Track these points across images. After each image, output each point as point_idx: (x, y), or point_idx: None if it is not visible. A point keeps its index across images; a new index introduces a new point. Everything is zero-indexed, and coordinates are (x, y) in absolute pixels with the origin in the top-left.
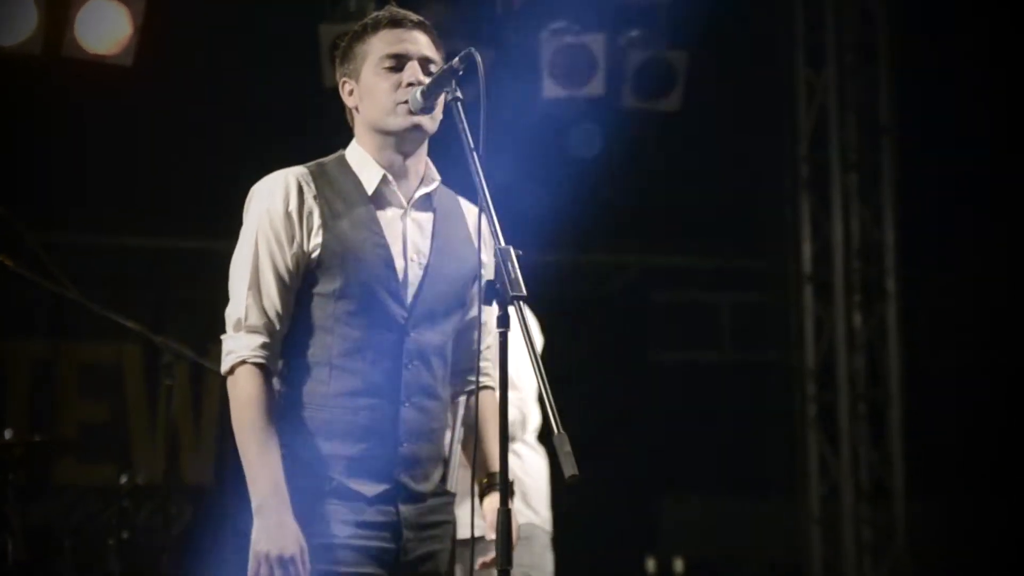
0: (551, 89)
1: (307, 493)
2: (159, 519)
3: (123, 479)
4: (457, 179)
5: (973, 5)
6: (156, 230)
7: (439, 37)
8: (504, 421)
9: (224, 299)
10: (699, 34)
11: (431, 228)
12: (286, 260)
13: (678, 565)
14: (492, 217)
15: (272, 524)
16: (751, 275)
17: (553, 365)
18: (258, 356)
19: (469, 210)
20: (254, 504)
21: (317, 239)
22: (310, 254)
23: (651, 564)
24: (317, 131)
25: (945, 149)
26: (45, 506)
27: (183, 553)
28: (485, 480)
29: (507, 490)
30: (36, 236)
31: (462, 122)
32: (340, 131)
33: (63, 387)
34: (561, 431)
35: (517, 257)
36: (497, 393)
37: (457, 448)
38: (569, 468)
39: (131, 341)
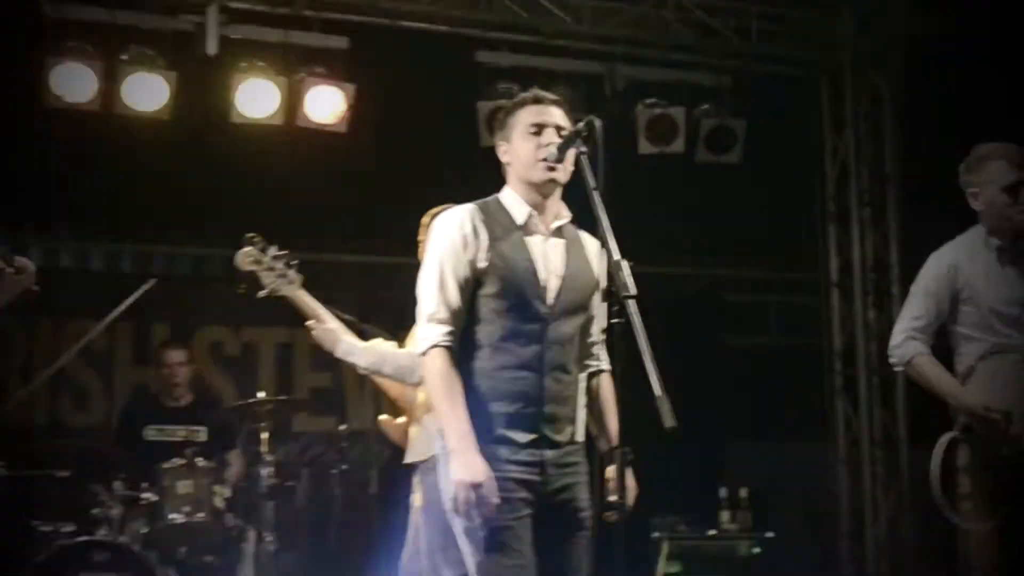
0: (645, 147)
1: (479, 439)
2: (367, 455)
3: (341, 427)
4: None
5: (963, 75)
6: (362, 250)
7: (569, 110)
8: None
9: (409, 300)
10: (753, 107)
11: (564, 250)
12: (464, 269)
13: (743, 492)
14: (609, 237)
15: (464, 460)
16: (793, 283)
17: (653, 348)
18: (445, 341)
19: (587, 238)
20: (449, 447)
21: (484, 255)
22: (479, 266)
23: (723, 491)
24: (476, 180)
25: (936, 190)
26: (287, 446)
27: (384, 480)
28: (608, 450)
29: (623, 454)
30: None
31: (586, 169)
32: (492, 180)
33: (298, 361)
34: (663, 393)
35: (627, 267)
36: (608, 376)
37: (582, 412)
38: (669, 421)
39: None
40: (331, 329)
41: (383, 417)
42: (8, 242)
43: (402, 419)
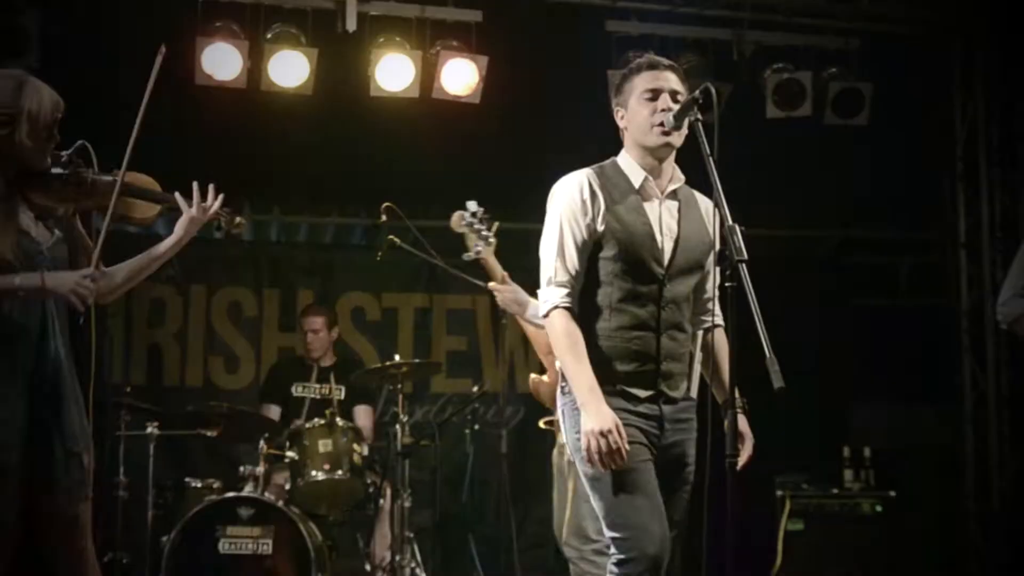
0: (772, 111)
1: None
2: (499, 416)
3: (475, 388)
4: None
5: None
6: (498, 218)
7: (686, 75)
8: (733, 352)
9: (535, 264)
10: (881, 69)
11: (678, 212)
12: (583, 232)
13: (867, 451)
14: (722, 202)
15: (593, 411)
16: (923, 243)
17: (785, 308)
18: (566, 302)
19: (701, 199)
20: (578, 401)
21: (601, 218)
22: (597, 229)
23: (846, 451)
24: (609, 149)
25: None
26: (424, 407)
27: (515, 439)
28: (723, 402)
29: (735, 404)
30: (414, 224)
31: (701, 136)
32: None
33: (436, 326)
34: (772, 355)
35: (740, 232)
36: (722, 332)
37: (697, 367)
38: (777, 382)
39: (480, 293)
40: (520, 291)
41: (534, 376)
42: None
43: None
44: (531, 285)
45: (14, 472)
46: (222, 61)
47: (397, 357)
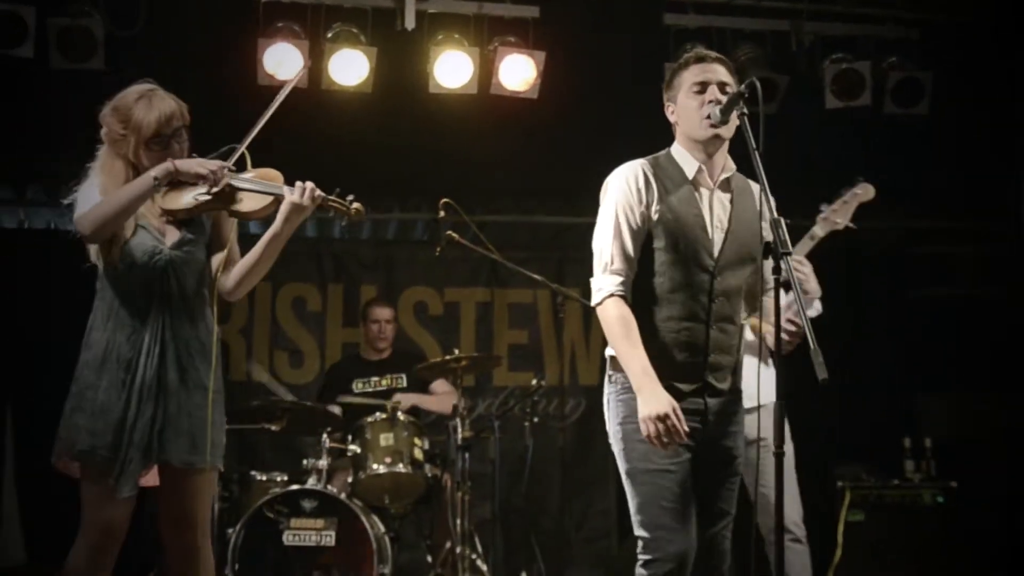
0: (832, 102)
1: None
2: (560, 409)
3: (535, 382)
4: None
5: None
6: (558, 211)
7: (744, 68)
8: (778, 345)
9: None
10: (941, 58)
11: (730, 203)
12: (637, 221)
13: (927, 442)
14: (768, 197)
15: (649, 395)
16: (984, 232)
17: (842, 301)
18: (620, 290)
19: (755, 188)
20: (634, 386)
21: (655, 207)
22: (651, 217)
23: (907, 441)
24: (666, 141)
25: None
26: (486, 400)
27: (574, 433)
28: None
29: (782, 398)
30: (474, 219)
31: (747, 129)
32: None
33: (497, 320)
34: (816, 347)
35: (786, 224)
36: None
37: (743, 357)
38: (821, 373)
39: (541, 288)
40: None
41: None
42: None
43: None
44: (587, 277)
45: (109, 464)
46: (283, 61)
47: (457, 352)
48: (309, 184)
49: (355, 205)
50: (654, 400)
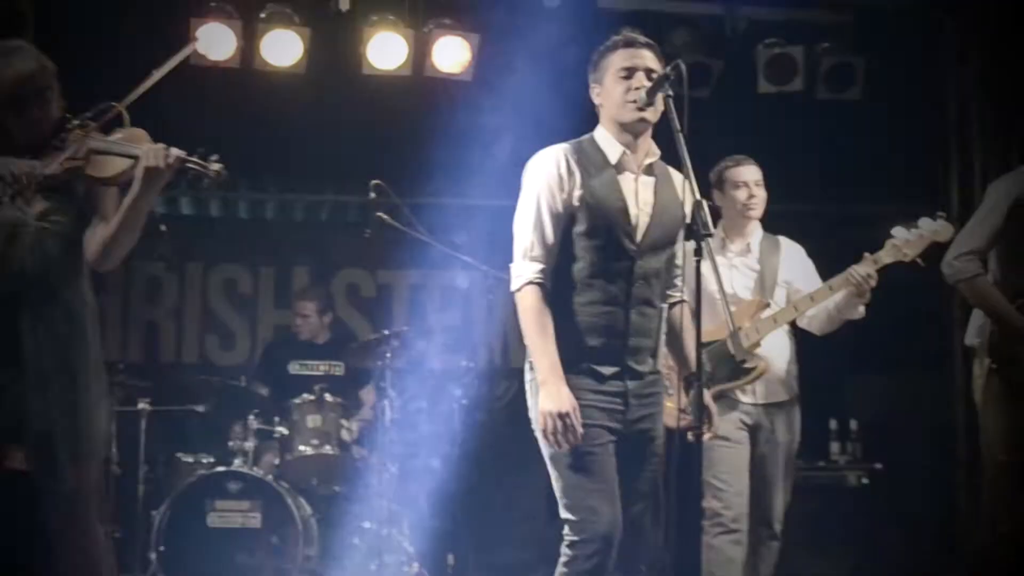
0: (764, 87)
1: (567, 371)
2: (489, 392)
3: (466, 363)
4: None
5: None
6: (489, 195)
7: (679, 52)
8: (698, 326)
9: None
10: (873, 44)
11: (653, 187)
12: (558, 207)
13: (853, 424)
14: (691, 178)
15: (553, 391)
16: (914, 217)
17: None
18: (539, 278)
19: (675, 175)
20: (539, 378)
21: (577, 193)
22: (572, 203)
23: (833, 423)
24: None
25: None
26: (415, 381)
27: (506, 415)
28: (687, 376)
29: (700, 377)
30: (407, 201)
31: (671, 111)
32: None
33: (430, 302)
34: (735, 330)
35: (707, 207)
36: (688, 306)
37: (663, 339)
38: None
39: (473, 270)
40: None
41: None
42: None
43: None
44: (504, 260)
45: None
46: (216, 41)
47: (386, 331)
48: (161, 145)
49: (215, 167)
50: (556, 397)
